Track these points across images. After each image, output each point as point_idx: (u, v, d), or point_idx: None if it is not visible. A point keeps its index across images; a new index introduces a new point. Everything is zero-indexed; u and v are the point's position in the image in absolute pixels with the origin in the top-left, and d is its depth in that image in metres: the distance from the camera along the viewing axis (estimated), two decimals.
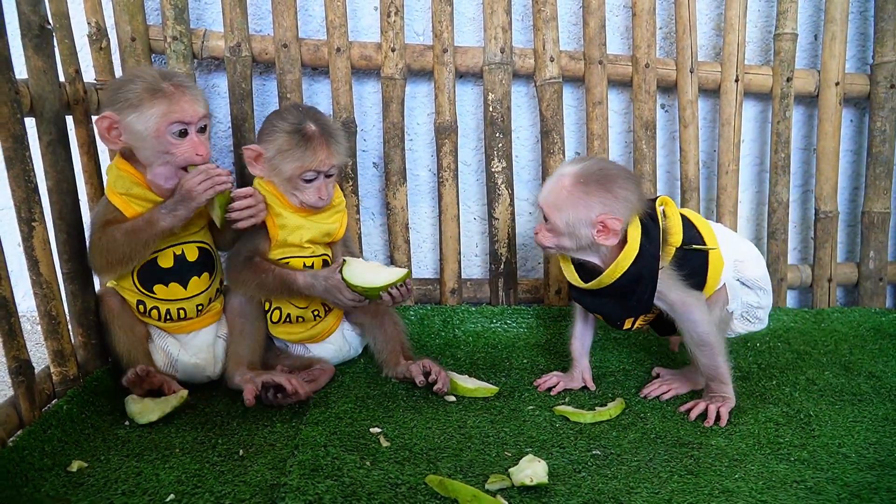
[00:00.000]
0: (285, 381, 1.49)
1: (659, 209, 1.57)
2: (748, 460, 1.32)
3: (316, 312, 1.74)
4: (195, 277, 1.60)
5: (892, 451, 1.37)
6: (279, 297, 1.65)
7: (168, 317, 1.59)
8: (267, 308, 1.70)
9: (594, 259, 1.54)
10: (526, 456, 1.27)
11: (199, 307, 1.62)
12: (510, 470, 1.23)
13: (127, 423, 1.45)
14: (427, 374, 1.62)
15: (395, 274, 1.57)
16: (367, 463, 1.27)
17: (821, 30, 2.23)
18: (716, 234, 1.62)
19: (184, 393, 1.50)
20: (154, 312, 1.59)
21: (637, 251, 1.49)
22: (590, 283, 1.55)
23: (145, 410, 1.45)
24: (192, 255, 1.59)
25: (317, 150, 1.59)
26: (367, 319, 1.81)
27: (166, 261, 1.56)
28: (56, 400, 1.48)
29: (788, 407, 1.57)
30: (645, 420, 1.50)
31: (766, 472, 1.27)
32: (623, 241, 1.50)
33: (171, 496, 1.17)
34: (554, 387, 1.67)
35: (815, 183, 2.24)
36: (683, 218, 1.60)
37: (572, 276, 1.59)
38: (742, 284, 1.65)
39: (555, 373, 1.73)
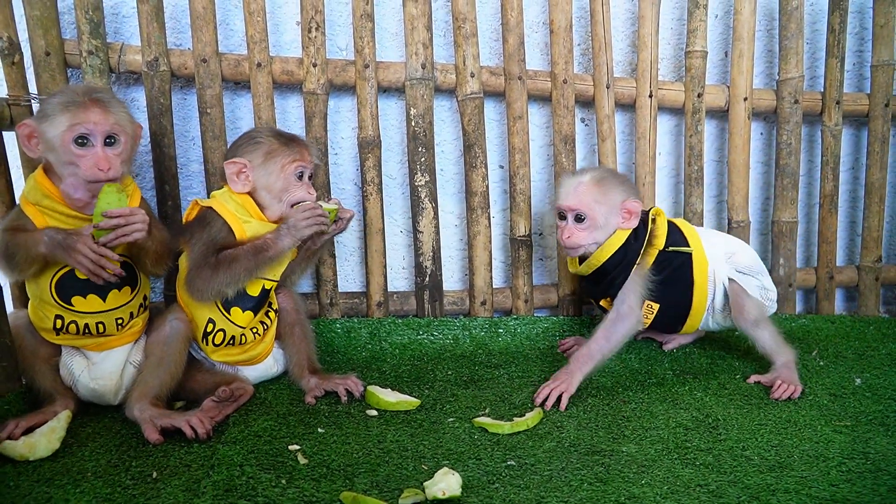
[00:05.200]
0: (185, 425, 1.45)
1: (650, 218, 1.87)
2: (656, 466, 1.36)
3: (255, 330, 1.75)
4: (115, 290, 1.57)
5: (792, 452, 1.43)
6: (261, 271, 1.66)
7: (87, 331, 1.57)
8: (210, 330, 1.69)
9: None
10: (441, 469, 1.29)
11: (120, 322, 1.60)
12: (425, 483, 1.25)
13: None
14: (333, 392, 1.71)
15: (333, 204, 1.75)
16: (283, 481, 1.28)
17: (730, 47, 2.33)
18: (701, 237, 1.92)
19: (64, 414, 1.49)
20: (72, 327, 1.56)
21: (623, 242, 1.83)
22: (581, 267, 1.90)
23: (35, 447, 1.39)
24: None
25: (302, 147, 1.74)
26: (282, 328, 1.84)
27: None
28: None
29: (698, 412, 1.63)
30: (561, 429, 1.54)
31: (671, 476, 1.32)
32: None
33: None
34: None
35: (728, 193, 2.34)
36: (671, 224, 1.91)
37: (573, 265, 1.94)
38: (742, 273, 1.91)
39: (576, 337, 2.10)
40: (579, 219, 1.82)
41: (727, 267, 1.89)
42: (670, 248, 1.85)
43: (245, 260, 1.62)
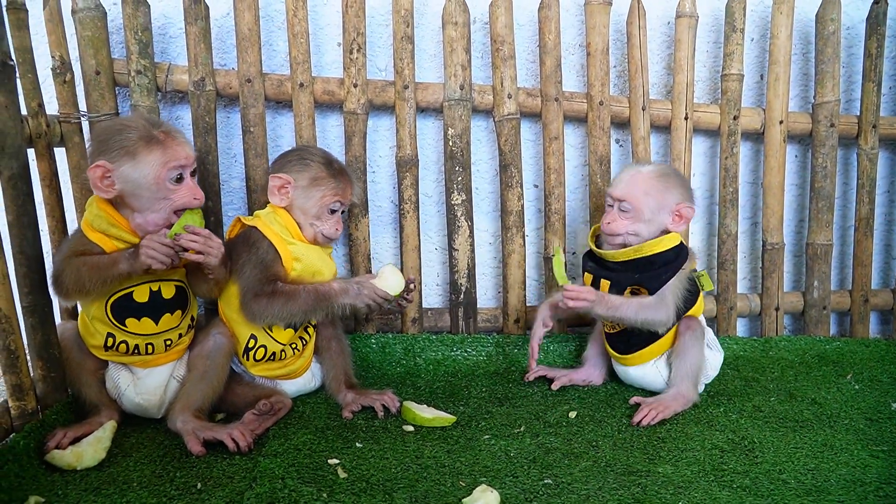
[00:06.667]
0: (227, 438, 1.49)
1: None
2: (692, 487, 1.37)
3: (295, 346, 1.78)
4: (167, 314, 1.61)
5: (829, 476, 1.43)
6: (317, 315, 1.69)
7: (136, 351, 1.61)
8: (252, 346, 1.73)
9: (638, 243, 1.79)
10: (479, 486, 1.31)
11: (168, 343, 1.64)
12: (463, 500, 1.27)
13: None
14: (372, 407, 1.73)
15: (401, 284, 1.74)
16: (324, 495, 1.30)
17: (766, 70, 2.34)
18: None
19: (109, 424, 1.54)
20: (122, 346, 1.60)
21: (677, 243, 1.79)
22: (624, 251, 1.79)
23: (82, 457, 1.43)
24: (168, 292, 1.61)
25: (346, 183, 1.78)
26: (319, 342, 1.87)
27: (141, 296, 1.58)
28: (13, 434, 1.48)
29: (734, 434, 1.63)
30: (597, 448, 1.55)
31: (709, 499, 1.33)
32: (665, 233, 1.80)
33: None
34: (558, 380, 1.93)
35: (762, 215, 2.33)
36: None
37: (592, 242, 1.89)
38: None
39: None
40: (625, 208, 1.78)
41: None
42: (695, 273, 1.84)
43: (304, 302, 1.65)
